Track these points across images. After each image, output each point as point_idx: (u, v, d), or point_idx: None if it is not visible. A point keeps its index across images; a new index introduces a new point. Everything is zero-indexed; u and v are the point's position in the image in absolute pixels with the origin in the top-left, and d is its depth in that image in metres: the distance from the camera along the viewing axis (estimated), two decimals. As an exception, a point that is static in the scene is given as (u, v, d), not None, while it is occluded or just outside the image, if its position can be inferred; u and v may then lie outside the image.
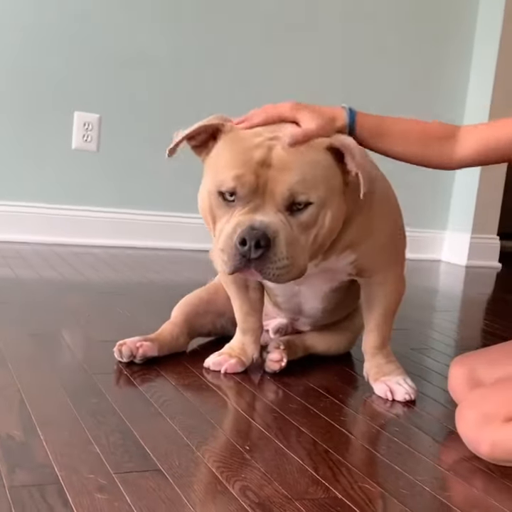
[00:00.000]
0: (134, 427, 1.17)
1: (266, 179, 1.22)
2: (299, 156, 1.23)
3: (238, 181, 1.22)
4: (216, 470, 1.05)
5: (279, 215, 1.22)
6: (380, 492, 1.04)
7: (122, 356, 1.48)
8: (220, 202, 1.26)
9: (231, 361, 1.51)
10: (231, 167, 1.24)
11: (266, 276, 1.22)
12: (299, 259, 1.24)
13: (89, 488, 0.96)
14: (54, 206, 2.95)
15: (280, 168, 1.22)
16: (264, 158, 1.22)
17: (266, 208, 1.22)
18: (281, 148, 1.23)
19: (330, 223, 1.27)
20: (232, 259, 1.21)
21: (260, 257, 1.20)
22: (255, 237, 1.19)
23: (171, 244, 3.11)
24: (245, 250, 1.20)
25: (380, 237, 1.42)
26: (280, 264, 1.21)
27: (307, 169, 1.23)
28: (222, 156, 1.27)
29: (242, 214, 1.23)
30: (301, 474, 1.07)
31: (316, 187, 1.24)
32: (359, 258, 1.41)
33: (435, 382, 1.59)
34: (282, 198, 1.22)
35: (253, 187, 1.22)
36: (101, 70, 2.95)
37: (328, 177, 1.26)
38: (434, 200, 3.70)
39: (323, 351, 1.69)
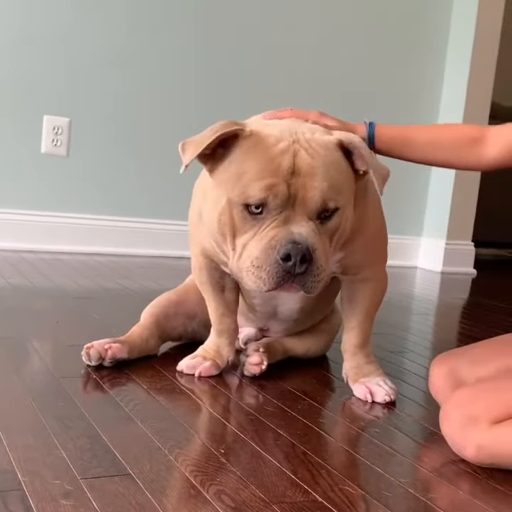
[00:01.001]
0: (102, 431, 1.12)
1: (296, 187, 1.16)
2: (324, 159, 1.19)
3: (270, 192, 1.15)
4: (190, 474, 1.00)
5: (310, 225, 1.18)
6: (361, 494, 0.99)
7: (91, 359, 1.42)
8: (244, 215, 1.18)
9: (205, 364, 1.46)
10: (259, 177, 1.16)
11: (308, 290, 1.18)
12: (328, 267, 1.21)
13: (54, 494, 0.90)
14: (22, 212, 2.88)
15: (309, 175, 1.17)
16: (292, 165, 1.16)
17: (297, 218, 1.17)
18: (305, 153, 1.18)
19: (350, 226, 1.25)
20: (274, 276, 1.15)
21: (304, 271, 1.15)
22: (300, 252, 1.14)
23: (142, 250, 3.06)
24: (289, 266, 1.14)
25: (369, 236, 1.38)
26: (320, 277, 1.18)
27: (333, 173, 1.19)
28: (246, 164, 1.18)
29: (274, 227, 1.17)
30: (279, 477, 1.02)
31: (342, 191, 1.21)
32: (346, 256, 1.37)
33: (414, 384, 1.55)
34: (315, 206, 1.17)
35: (285, 197, 1.16)
36: (71, 73, 2.90)
37: (347, 178, 1.24)
38: (409, 206, 3.68)
39: (302, 354, 1.64)
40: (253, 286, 1.18)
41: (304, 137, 1.20)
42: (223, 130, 1.18)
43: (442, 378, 1.30)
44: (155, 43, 3.01)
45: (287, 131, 1.20)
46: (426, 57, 3.58)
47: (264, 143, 1.18)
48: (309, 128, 1.24)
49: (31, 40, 2.81)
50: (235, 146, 1.20)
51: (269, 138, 1.19)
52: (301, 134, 1.20)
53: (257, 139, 1.19)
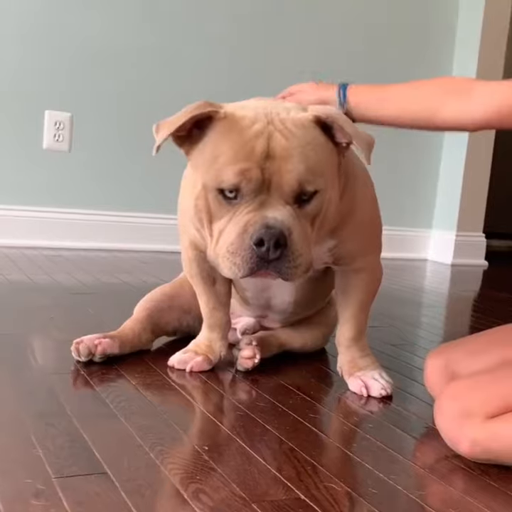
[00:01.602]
0: (84, 429, 1.08)
1: (271, 172, 1.12)
2: (299, 140, 1.14)
3: (243, 177, 1.11)
4: (169, 472, 0.96)
5: (288, 209, 1.13)
6: (346, 492, 0.95)
7: (80, 355, 1.39)
8: (219, 200, 1.14)
9: (197, 359, 1.42)
10: (233, 161, 1.12)
11: (284, 276, 1.13)
12: (307, 253, 1.16)
13: (25, 494, 0.87)
14: (23, 208, 2.86)
15: (284, 158, 1.12)
16: (266, 148, 1.12)
17: (273, 202, 1.13)
18: (280, 135, 1.13)
19: (333, 208, 1.20)
20: (247, 262, 1.11)
21: (279, 257, 1.11)
22: (274, 236, 1.10)
23: (144, 245, 3.03)
24: (263, 251, 1.10)
25: (360, 222, 1.33)
26: (296, 262, 1.12)
27: (311, 154, 1.14)
28: (220, 147, 1.14)
29: (249, 211, 1.13)
30: (263, 475, 0.98)
31: (322, 173, 1.15)
32: (338, 244, 1.33)
33: (414, 378, 1.50)
34: (291, 190, 1.13)
35: (259, 182, 1.12)
36: (72, 68, 2.87)
37: (328, 157, 1.18)
38: (418, 198, 3.63)
39: (299, 348, 1.60)
40: (228, 272, 1.14)
41: (278, 118, 1.15)
42: (196, 111, 1.15)
43: (437, 371, 1.25)
44: (157, 38, 2.98)
45: (262, 112, 1.16)
46: (434, 58, 3.52)
47: (239, 125, 1.14)
48: (285, 107, 1.19)
49: (32, 35, 2.79)
50: (209, 128, 1.17)
51: (243, 120, 1.15)
52: (275, 114, 1.16)
53: (232, 121, 1.15)
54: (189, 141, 1.19)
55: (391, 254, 3.39)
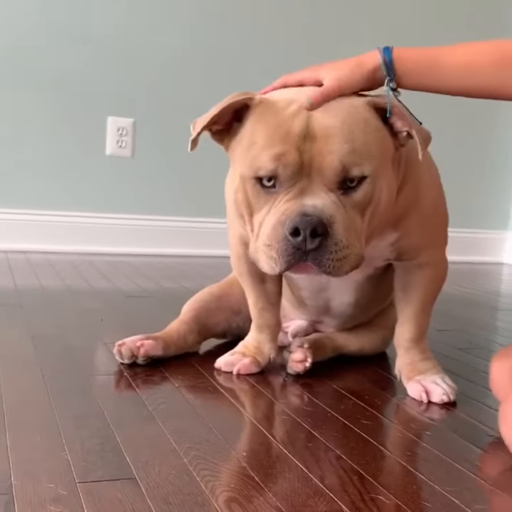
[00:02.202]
0: (117, 431, 1.02)
1: (311, 154, 1.02)
2: (345, 118, 1.04)
3: (279, 162, 1.02)
4: (201, 479, 0.89)
5: (331, 196, 1.03)
6: (395, 504, 0.85)
7: (123, 357, 1.34)
8: (257, 190, 1.06)
9: (245, 361, 1.35)
10: (268, 145, 1.03)
11: (324, 269, 1.02)
12: (356, 246, 1.05)
13: (43, 499, 0.82)
14: (88, 215, 2.86)
15: (325, 137, 1.02)
16: (304, 128, 1.03)
17: (314, 189, 1.03)
18: (321, 114, 1.04)
19: (386, 198, 1.08)
20: (283, 254, 1.02)
21: (318, 247, 1.01)
22: (310, 225, 1.00)
23: (208, 251, 2.98)
24: (299, 241, 1.01)
25: (425, 212, 1.23)
26: (341, 255, 1.02)
27: (358, 134, 1.03)
28: (255, 133, 1.07)
29: (287, 200, 1.04)
30: (303, 484, 0.90)
31: (370, 155, 1.04)
32: (401, 237, 1.23)
33: (480, 383, 1.39)
34: (334, 174, 1.02)
35: (297, 166, 1.02)
36: (134, 73, 2.87)
37: (379, 140, 1.07)
38: (493, 198, 3.46)
39: (356, 351, 1.50)
40: (266, 267, 1.05)
41: None
42: (229, 101, 1.08)
43: (504, 374, 1.13)
44: (217, 41, 2.94)
45: (303, 93, 1.07)
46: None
47: (274, 107, 1.06)
48: None
49: (94, 42, 2.79)
50: (246, 117, 1.09)
51: (279, 102, 1.07)
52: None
53: (267, 105, 1.07)
54: (229, 136, 1.12)
55: (462, 257, 3.25)
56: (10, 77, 2.72)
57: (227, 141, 1.13)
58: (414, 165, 1.18)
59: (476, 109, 3.27)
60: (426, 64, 1.13)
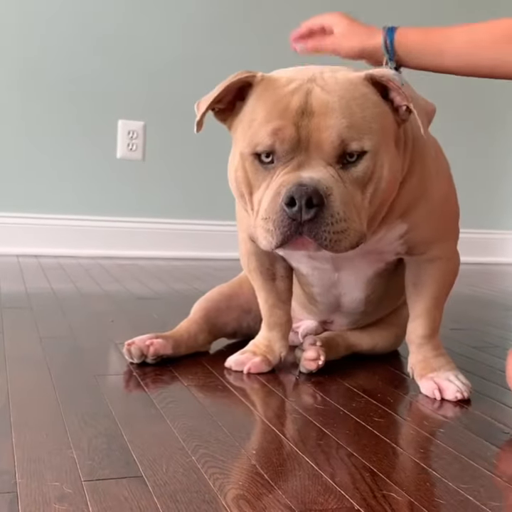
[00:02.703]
0: (125, 429, 1.01)
1: (309, 129, 1.02)
2: (344, 94, 1.03)
3: (276, 137, 1.02)
4: (210, 477, 0.87)
5: (329, 170, 1.02)
6: (408, 501, 0.83)
7: (132, 356, 1.32)
8: (256, 166, 1.06)
9: (255, 360, 1.33)
10: (266, 121, 1.04)
11: (321, 242, 1.00)
12: (356, 222, 1.03)
13: (49, 497, 0.80)
14: (100, 218, 2.86)
15: (324, 113, 1.02)
16: (303, 104, 1.02)
17: (312, 163, 1.02)
18: (320, 90, 1.03)
19: (388, 175, 1.06)
20: (279, 226, 1.00)
21: (314, 218, 0.99)
22: (306, 194, 0.98)
23: (219, 253, 2.96)
24: (295, 211, 0.99)
25: (434, 203, 1.20)
26: (338, 228, 1.00)
27: (355, 108, 1.03)
28: (255, 110, 1.07)
29: (285, 173, 1.03)
30: (314, 481, 0.88)
31: (369, 130, 1.03)
32: (410, 229, 1.21)
33: (495, 381, 1.36)
34: (332, 148, 1.02)
35: (294, 141, 1.02)
36: (144, 76, 2.87)
37: (379, 115, 1.06)
38: (502, 198, 3.43)
39: (369, 349, 1.48)
40: (264, 242, 1.04)
41: (322, 76, 1.06)
42: (232, 79, 1.09)
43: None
44: (229, 44, 2.93)
45: (304, 72, 1.07)
46: None
47: (275, 85, 1.06)
48: (332, 68, 1.10)
49: (104, 46, 2.79)
50: (248, 95, 1.09)
51: (280, 80, 1.07)
52: (319, 73, 1.06)
53: (268, 83, 1.07)
54: (232, 114, 1.12)
55: (474, 258, 3.21)
56: (23, 81, 2.73)
57: (230, 120, 1.13)
58: (421, 154, 1.17)
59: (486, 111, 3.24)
60: (428, 44, 1.13)
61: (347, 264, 1.30)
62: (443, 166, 1.26)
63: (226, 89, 1.10)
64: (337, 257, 1.26)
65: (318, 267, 1.33)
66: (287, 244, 1.02)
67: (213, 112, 1.15)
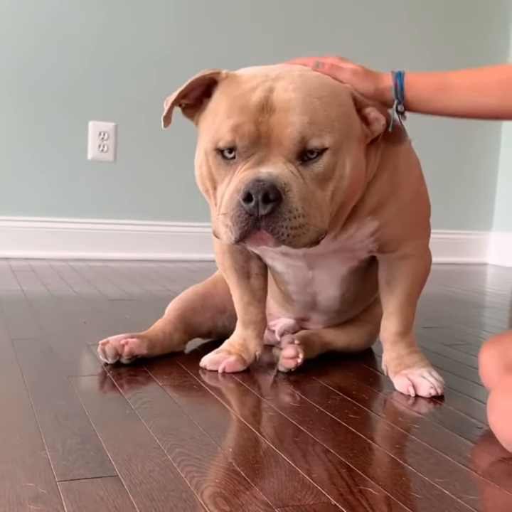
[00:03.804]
0: (99, 430, 1.00)
1: (269, 125, 1.02)
2: (309, 92, 1.04)
3: (236, 133, 1.03)
4: (186, 475, 0.87)
5: (289, 166, 1.03)
6: (384, 496, 0.83)
7: (107, 356, 1.31)
8: (218, 162, 1.07)
9: (230, 359, 1.32)
10: (227, 117, 1.05)
11: (279, 237, 1.01)
12: (316, 218, 1.04)
13: (23, 497, 0.79)
14: (70, 220, 2.83)
15: (285, 109, 1.02)
16: (263, 101, 1.03)
17: (272, 159, 1.03)
18: (284, 87, 1.04)
19: (350, 174, 1.07)
20: (237, 221, 1.01)
21: (271, 213, 1.00)
22: (262, 190, 0.99)
23: (191, 255, 2.95)
24: (251, 207, 1.00)
25: (405, 201, 1.21)
26: (295, 223, 1.01)
27: (319, 106, 1.03)
28: (218, 106, 1.08)
29: (245, 169, 1.04)
30: (290, 478, 0.88)
31: (331, 128, 1.04)
32: (381, 227, 1.21)
33: (469, 377, 1.37)
34: (292, 144, 1.02)
35: (254, 137, 1.03)
36: (114, 77, 2.85)
37: (344, 116, 1.06)
38: (477, 200, 3.47)
39: (344, 347, 1.49)
40: (224, 237, 1.05)
41: (290, 74, 1.06)
42: (197, 76, 1.11)
43: (492, 362, 1.12)
44: (198, 45, 2.93)
45: (271, 70, 1.08)
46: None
47: (238, 81, 1.08)
48: (302, 68, 1.11)
49: (74, 46, 2.77)
50: (214, 92, 1.11)
51: (244, 76, 1.08)
52: (288, 71, 1.07)
53: (233, 79, 1.09)
54: (199, 111, 1.14)
55: (447, 258, 3.25)
56: (-11, 82, 2.69)
57: (197, 116, 1.15)
58: (393, 153, 1.18)
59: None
60: (435, 89, 1.15)
61: (320, 262, 1.30)
62: (414, 164, 1.27)
63: (191, 85, 1.12)
64: (309, 255, 1.26)
65: (291, 264, 1.33)
66: (247, 239, 1.03)
67: (181, 108, 1.16)
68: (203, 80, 1.12)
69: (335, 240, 1.21)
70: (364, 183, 1.14)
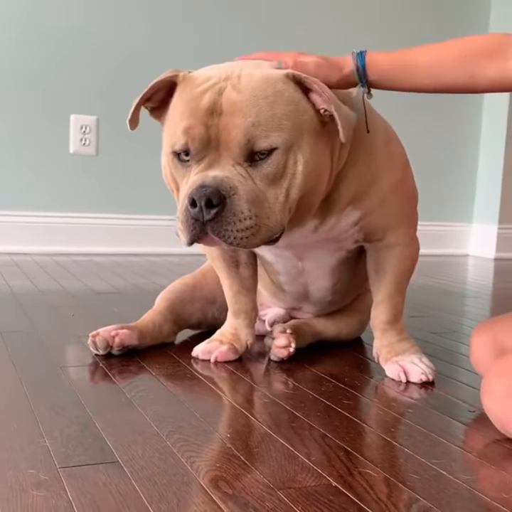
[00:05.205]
0: (96, 418, 1.00)
1: (218, 129, 1.03)
2: (255, 92, 1.04)
3: (188, 135, 1.05)
4: (186, 460, 0.87)
5: (237, 169, 1.04)
6: (383, 477, 0.85)
7: (98, 348, 1.31)
8: (175, 164, 1.10)
9: (222, 348, 1.33)
10: (180, 120, 1.07)
11: (227, 240, 1.03)
12: (269, 218, 1.05)
13: (25, 484, 0.79)
14: (53, 214, 2.82)
15: (231, 112, 1.03)
16: (212, 104, 1.04)
17: (222, 162, 1.04)
18: (231, 89, 1.04)
19: (304, 170, 1.06)
20: (185, 225, 1.04)
21: (215, 218, 1.01)
22: (205, 196, 1.01)
23: (176, 249, 2.95)
24: (196, 212, 1.02)
25: (386, 188, 1.22)
26: (241, 226, 1.02)
27: (264, 106, 1.03)
28: (174, 109, 1.10)
29: (196, 173, 1.06)
30: (290, 461, 0.88)
31: (279, 127, 1.04)
32: (364, 216, 1.22)
33: (456, 363, 1.39)
34: (239, 147, 1.03)
35: (204, 140, 1.04)
36: (96, 71, 2.83)
37: (292, 112, 1.06)
38: (457, 192, 3.50)
39: (334, 336, 1.50)
40: (181, 240, 1.07)
41: (239, 73, 1.06)
42: (156, 80, 1.12)
43: (484, 347, 1.14)
44: (179, 38, 2.92)
45: (224, 70, 1.08)
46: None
47: (193, 84, 1.08)
48: (256, 64, 1.11)
49: (53, 40, 2.75)
50: (174, 94, 1.12)
51: (198, 78, 1.09)
52: (238, 70, 1.07)
53: (188, 82, 1.10)
54: (165, 112, 1.15)
55: (429, 250, 3.27)
56: (-31, 75, 2.67)
57: (163, 119, 1.16)
58: (365, 144, 1.18)
59: (441, 103, 3.30)
60: (397, 69, 1.16)
61: (308, 253, 1.31)
62: (397, 152, 1.27)
63: (152, 88, 1.13)
64: (293, 245, 1.27)
65: (279, 254, 1.34)
66: (200, 241, 1.06)
67: (148, 110, 1.17)
68: (163, 83, 1.13)
69: (316, 232, 1.21)
70: (331, 175, 1.14)
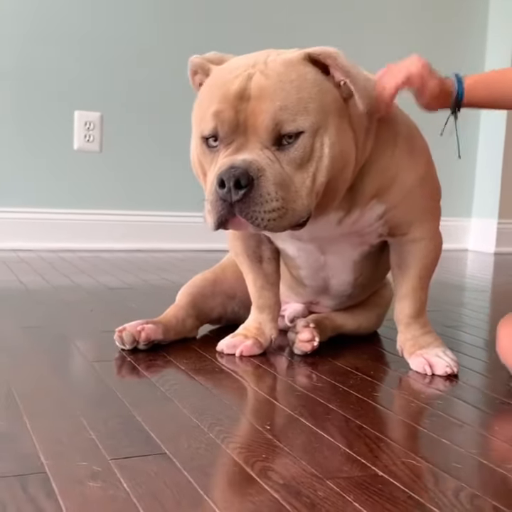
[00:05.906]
0: (136, 411, 1.02)
1: (246, 113, 1.06)
2: (281, 77, 1.07)
3: (217, 119, 1.08)
4: (232, 451, 0.89)
5: (265, 152, 1.06)
6: (427, 467, 0.87)
7: (124, 343, 1.32)
8: (204, 150, 1.12)
9: (247, 343, 1.34)
10: (210, 105, 1.09)
11: (254, 222, 1.04)
12: (295, 202, 1.07)
13: (80, 476, 0.81)
14: (57, 211, 2.82)
15: (259, 97, 1.06)
16: (241, 89, 1.07)
17: (250, 146, 1.07)
18: (259, 75, 1.07)
19: (331, 152, 1.08)
20: (214, 206, 1.06)
21: (243, 198, 1.03)
22: (234, 176, 1.03)
23: (180, 245, 2.96)
24: (224, 193, 1.04)
25: (410, 181, 1.23)
26: (269, 207, 1.04)
27: (291, 91, 1.06)
28: (204, 95, 1.14)
29: (225, 157, 1.08)
30: (333, 452, 0.90)
31: (306, 110, 1.06)
32: (389, 210, 1.24)
33: (475, 355, 1.42)
34: (267, 131, 1.06)
35: (233, 124, 1.07)
36: (100, 67, 2.84)
37: (318, 94, 1.08)
38: (457, 186, 3.53)
39: (353, 330, 1.51)
40: (208, 224, 1.09)
41: (266, 60, 1.10)
42: (190, 66, 1.19)
43: (511, 338, 1.16)
44: (184, 36, 2.93)
45: (253, 58, 1.12)
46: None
47: (223, 71, 1.12)
48: (279, 51, 1.14)
49: (60, 37, 2.75)
50: (204, 82, 1.16)
51: (229, 66, 1.13)
52: (265, 57, 1.11)
53: (218, 69, 1.14)
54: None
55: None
56: (-26, 71, 2.67)
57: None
58: (391, 133, 1.21)
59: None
60: (492, 100, 1.28)
61: (331, 246, 1.33)
62: (418, 145, 1.29)
63: (192, 71, 1.18)
64: (318, 239, 1.29)
65: (302, 248, 1.35)
66: (227, 224, 1.07)
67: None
68: (197, 69, 1.17)
69: (340, 225, 1.23)
70: (356, 161, 1.15)
